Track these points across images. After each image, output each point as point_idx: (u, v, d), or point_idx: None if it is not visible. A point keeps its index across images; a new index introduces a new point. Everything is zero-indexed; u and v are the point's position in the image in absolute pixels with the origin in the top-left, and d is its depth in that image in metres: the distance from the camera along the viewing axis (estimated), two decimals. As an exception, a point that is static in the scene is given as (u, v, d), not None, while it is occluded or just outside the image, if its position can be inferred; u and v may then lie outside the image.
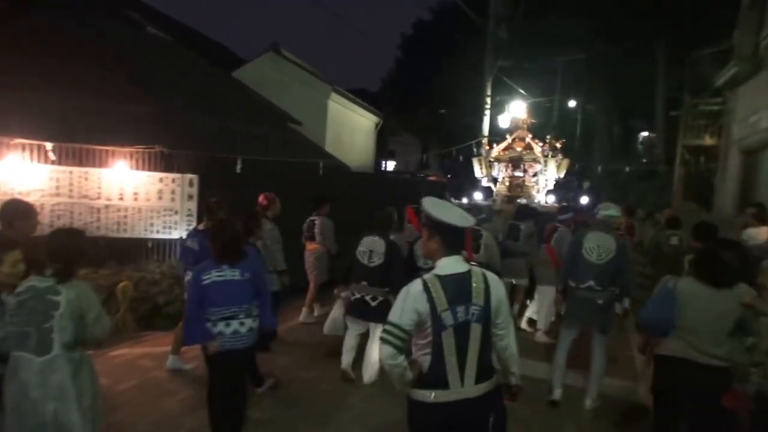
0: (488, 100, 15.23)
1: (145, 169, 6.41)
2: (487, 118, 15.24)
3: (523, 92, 17.44)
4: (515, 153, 11.69)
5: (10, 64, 7.02)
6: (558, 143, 11.71)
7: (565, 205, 7.74)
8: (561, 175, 11.74)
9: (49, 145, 5.87)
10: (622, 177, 20.14)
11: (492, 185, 12.07)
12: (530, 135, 11.87)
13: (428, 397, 2.11)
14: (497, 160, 12.02)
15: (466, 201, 10.37)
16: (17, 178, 5.71)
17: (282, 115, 13.61)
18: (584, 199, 11.80)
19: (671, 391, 3.03)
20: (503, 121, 14.79)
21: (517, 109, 12.73)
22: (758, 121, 8.02)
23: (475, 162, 12.32)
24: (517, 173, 11.72)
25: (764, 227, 5.10)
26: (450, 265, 2.17)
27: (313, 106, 15.31)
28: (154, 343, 5.14)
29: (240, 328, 3.22)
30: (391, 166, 34.31)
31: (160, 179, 6.40)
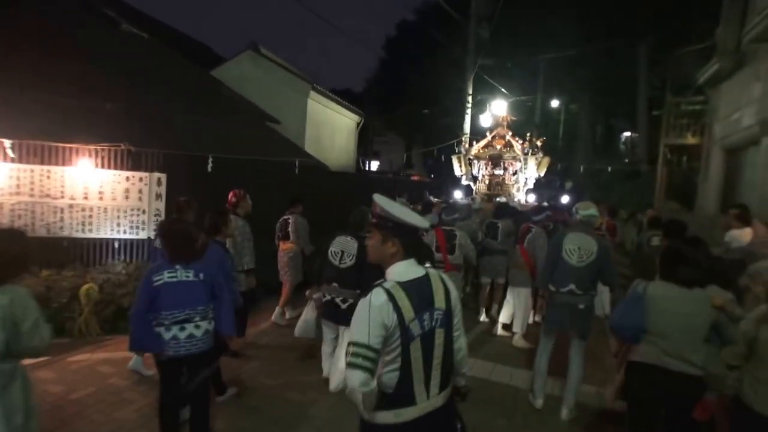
0: (469, 99, 15.14)
1: (112, 168, 6.20)
2: (468, 117, 15.15)
3: (505, 91, 17.43)
4: (495, 151, 11.61)
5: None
6: (538, 141, 11.67)
7: (540, 205, 7.63)
8: (541, 174, 11.68)
9: (8, 143, 5.64)
10: (604, 177, 20.20)
11: (472, 183, 12.00)
12: (510, 133, 11.80)
13: (394, 418, 1.89)
14: (477, 158, 11.95)
15: (441, 199, 10.24)
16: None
17: (259, 114, 13.39)
18: (565, 199, 11.74)
19: (645, 399, 2.89)
20: (485, 120, 14.75)
21: (499, 108, 12.64)
22: (740, 118, 7.95)
23: (455, 160, 12.22)
24: (497, 171, 11.65)
25: (747, 228, 5.00)
26: (408, 269, 2.00)
27: (292, 105, 15.17)
28: (117, 348, 4.89)
29: (195, 332, 3.08)
30: (375, 165, 34.20)
31: (127, 178, 6.20)
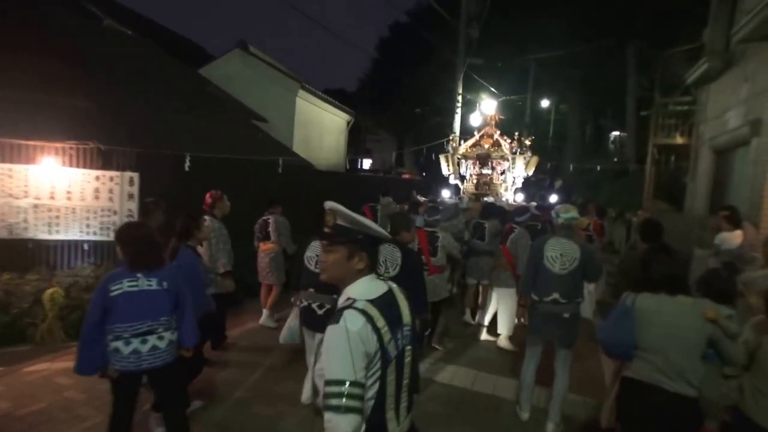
0: (459, 98, 15.00)
1: (81, 166, 5.95)
2: (458, 116, 15.02)
3: (495, 91, 17.34)
4: (483, 150, 11.47)
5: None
6: (527, 140, 11.54)
7: (523, 205, 7.48)
8: (530, 173, 11.55)
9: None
10: (593, 176, 20.20)
11: (459, 183, 11.84)
12: (498, 132, 11.67)
13: None
14: (465, 157, 11.81)
15: (428, 199, 10.08)
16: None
17: (246, 112, 13.16)
18: (554, 198, 11.63)
19: (637, 417, 2.66)
20: (474, 119, 14.61)
21: (489, 107, 12.49)
22: (729, 119, 7.84)
23: (443, 159, 12.06)
24: (485, 171, 11.51)
25: (738, 231, 4.91)
26: (373, 285, 1.77)
27: (280, 104, 14.99)
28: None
29: (159, 343, 2.87)
30: (368, 164, 34.10)
31: (97, 177, 5.94)
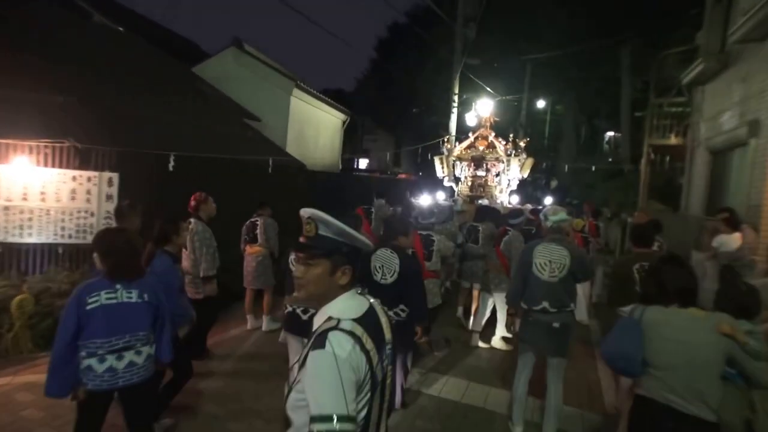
0: (455, 99, 14.81)
1: (56, 166, 5.69)
2: (454, 116, 14.83)
3: (491, 91, 17.18)
4: (477, 152, 11.31)
5: None
6: (522, 142, 11.38)
7: (517, 208, 7.35)
8: (524, 175, 11.38)
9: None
10: (589, 176, 20.16)
11: (454, 185, 11.66)
12: (493, 133, 11.50)
13: None
14: (459, 159, 11.64)
15: (422, 201, 9.90)
16: None
17: (239, 111, 12.92)
18: (548, 199, 11.49)
19: None
20: (470, 120, 14.45)
21: (484, 108, 12.33)
22: (726, 120, 7.77)
23: (437, 161, 11.88)
24: (480, 172, 11.36)
25: (737, 233, 4.88)
26: (356, 301, 1.59)
27: (275, 103, 14.73)
28: (46, 369, 4.39)
29: (137, 359, 2.68)
30: (365, 163, 33.98)
31: (74, 177, 5.68)
